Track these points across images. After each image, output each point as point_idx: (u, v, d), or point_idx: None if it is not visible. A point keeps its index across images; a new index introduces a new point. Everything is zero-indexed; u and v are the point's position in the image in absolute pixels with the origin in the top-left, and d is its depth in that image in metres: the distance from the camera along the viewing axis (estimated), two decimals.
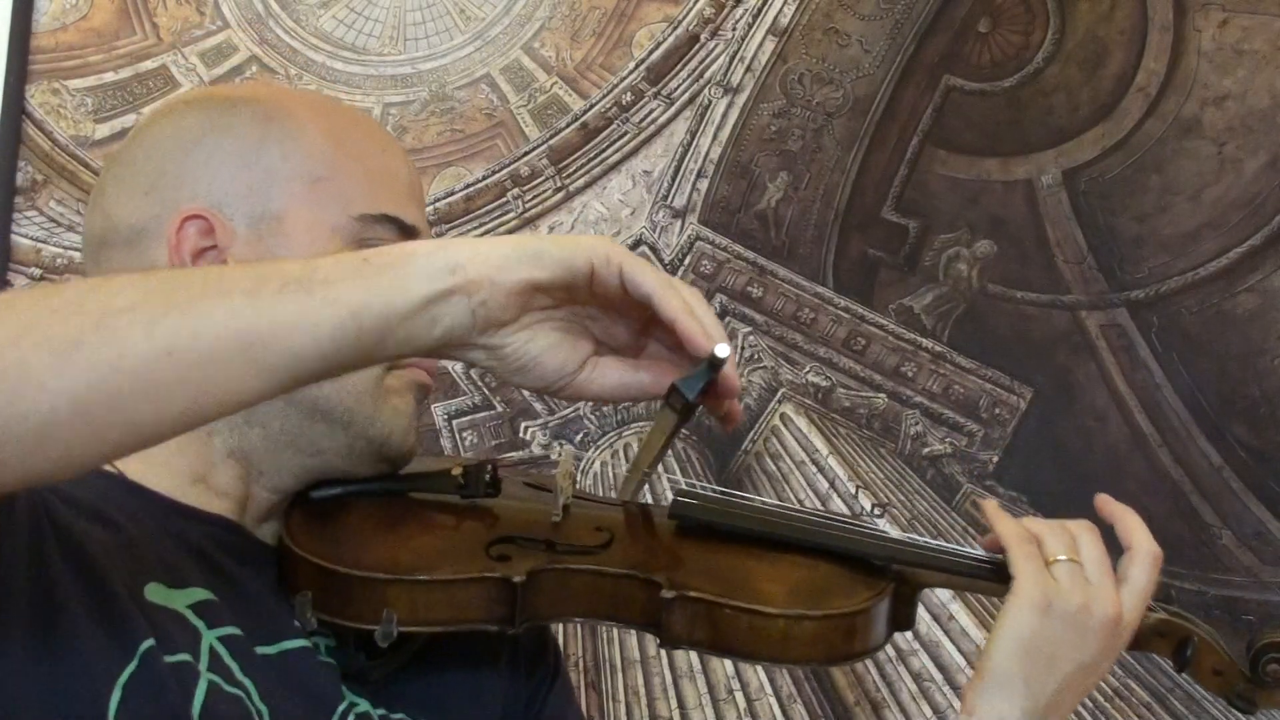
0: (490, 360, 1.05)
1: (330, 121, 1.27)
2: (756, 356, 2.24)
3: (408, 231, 1.25)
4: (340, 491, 1.25)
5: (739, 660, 2.01)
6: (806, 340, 2.24)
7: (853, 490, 2.17)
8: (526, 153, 2.35)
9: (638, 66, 2.33)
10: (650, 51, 2.33)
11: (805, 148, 2.26)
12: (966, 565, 1.31)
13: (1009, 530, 1.28)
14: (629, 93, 2.33)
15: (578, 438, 2.27)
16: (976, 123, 2.22)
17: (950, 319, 2.20)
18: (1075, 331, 2.15)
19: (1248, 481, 2.06)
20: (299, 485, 1.24)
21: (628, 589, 1.21)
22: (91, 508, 1.12)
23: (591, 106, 2.34)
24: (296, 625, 1.19)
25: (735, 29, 2.30)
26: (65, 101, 2.44)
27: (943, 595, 2.08)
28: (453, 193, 2.36)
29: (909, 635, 2.09)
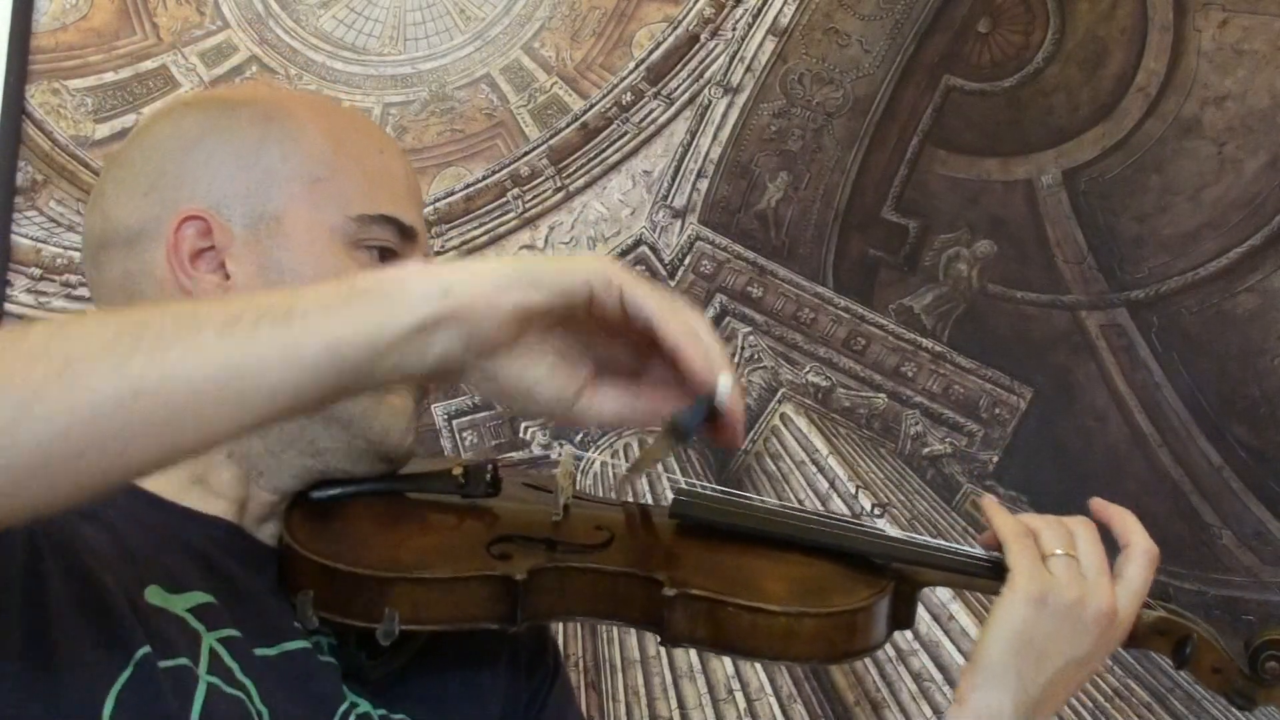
0: (485, 386, 1.02)
1: (329, 122, 1.28)
2: (756, 356, 2.24)
3: (406, 232, 1.25)
4: (340, 492, 1.25)
5: (740, 658, 2.02)
6: (806, 340, 2.24)
7: (853, 490, 2.17)
8: (526, 153, 2.35)
9: (638, 66, 2.33)
10: (650, 51, 2.33)
11: (805, 148, 2.26)
12: (966, 563, 1.31)
13: (1006, 525, 1.29)
14: (629, 93, 2.33)
15: (578, 438, 2.27)
16: (976, 123, 2.22)
17: (950, 319, 2.20)
18: (1075, 331, 2.15)
19: (1248, 481, 2.06)
20: (299, 485, 1.24)
21: (629, 587, 1.22)
22: (90, 511, 1.12)
23: (591, 106, 2.34)
24: (297, 626, 1.20)
25: (735, 29, 2.30)
26: (65, 101, 2.44)
27: (943, 595, 2.08)
28: (453, 193, 2.36)
29: (909, 635, 2.09)
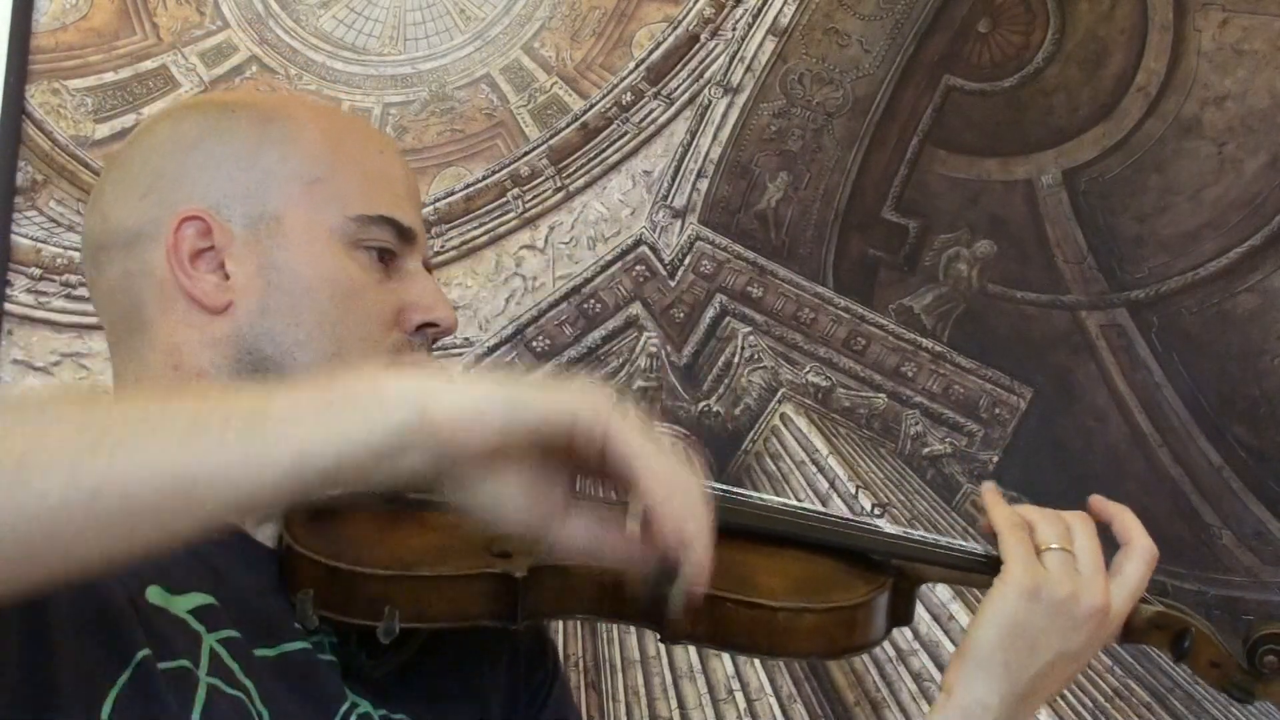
0: (453, 496, 0.99)
1: (327, 124, 1.28)
2: (756, 356, 2.24)
3: (404, 233, 1.26)
4: (339, 492, 1.25)
5: (740, 654, 2.02)
6: (806, 340, 2.24)
7: (853, 490, 2.17)
8: (526, 153, 2.35)
9: (638, 66, 2.33)
10: (650, 51, 2.33)
11: (805, 148, 2.26)
12: (964, 559, 1.32)
13: (1001, 516, 1.29)
14: (629, 93, 2.33)
15: None
16: (976, 123, 2.22)
17: (950, 319, 2.20)
18: (1075, 331, 2.15)
19: (1248, 481, 2.06)
20: None
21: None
22: None
23: (591, 106, 2.34)
24: (297, 627, 1.20)
25: (735, 29, 2.30)
26: (65, 101, 2.44)
27: (943, 595, 2.08)
28: (453, 193, 2.36)
29: (909, 635, 2.09)
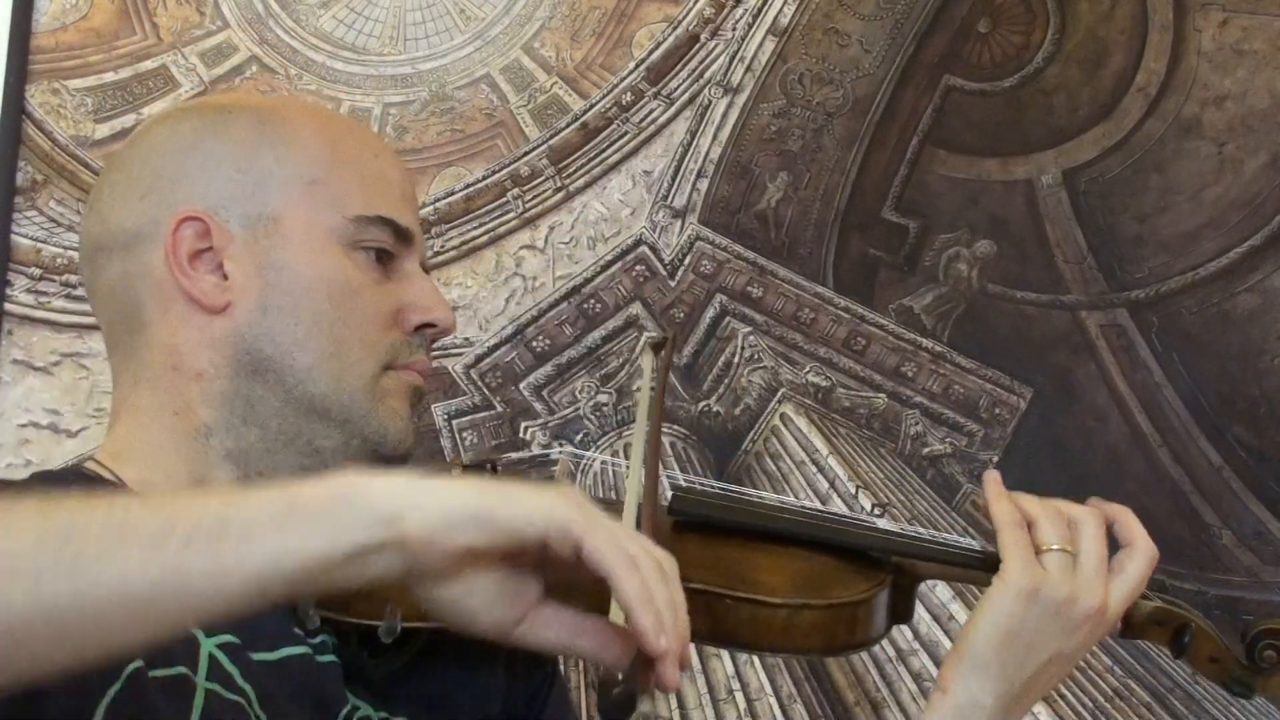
0: (423, 600, 0.98)
1: (325, 126, 1.29)
2: (756, 356, 2.24)
3: (402, 234, 1.26)
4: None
5: (740, 650, 2.02)
6: (806, 340, 2.24)
7: (853, 490, 2.17)
8: (526, 153, 2.35)
9: (638, 66, 2.33)
10: (650, 51, 2.33)
11: (805, 148, 2.26)
12: (963, 556, 1.32)
13: (1002, 512, 1.29)
14: (629, 93, 2.33)
15: (578, 437, 2.27)
16: (976, 123, 2.22)
17: (950, 319, 2.20)
18: (1075, 331, 2.15)
19: (1248, 481, 2.06)
20: None
21: None
22: None
23: (591, 106, 2.34)
24: (297, 631, 1.20)
25: (735, 29, 2.30)
26: (65, 101, 2.44)
27: (943, 595, 2.08)
28: (453, 193, 2.36)
29: (909, 635, 2.09)
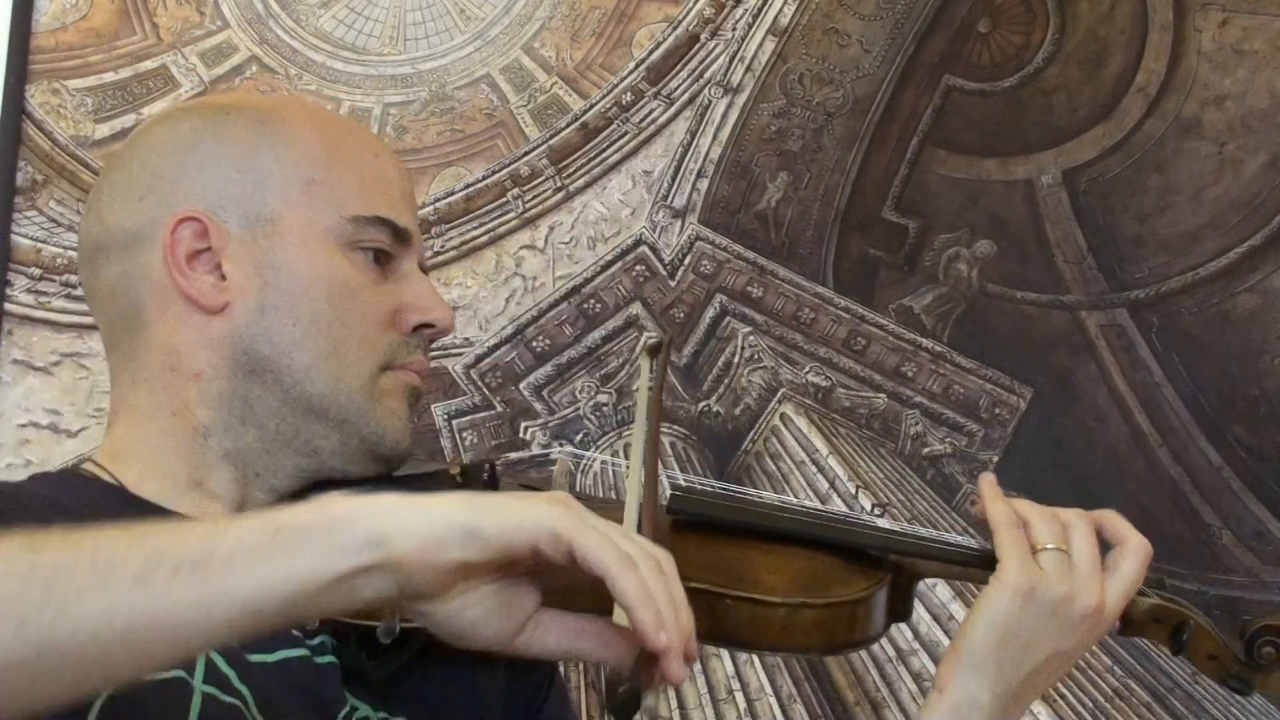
0: (421, 621, 0.98)
1: (323, 127, 1.29)
2: (756, 356, 2.24)
3: (400, 234, 1.26)
4: (337, 494, 1.25)
5: (740, 650, 2.02)
6: (806, 340, 2.24)
7: (853, 490, 2.17)
8: (526, 153, 2.35)
9: (638, 66, 2.33)
10: (650, 51, 2.33)
11: (805, 148, 2.26)
12: (961, 555, 1.32)
13: (998, 512, 1.29)
14: (629, 93, 2.33)
15: (578, 437, 2.27)
16: (976, 123, 2.22)
17: (950, 319, 2.20)
18: (1075, 331, 2.15)
19: (1248, 481, 2.06)
20: (295, 485, 1.25)
21: None
22: (85, 519, 1.12)
23: (591, 106, 2.34)
24: (296, 633, 1.20)
25: (735, 29, 2.30)
26: (65, 101, 2.44)
27: (943, 595, 2.08)
28: (453, 193, 2.36)
29: (909, 635, 2.09)
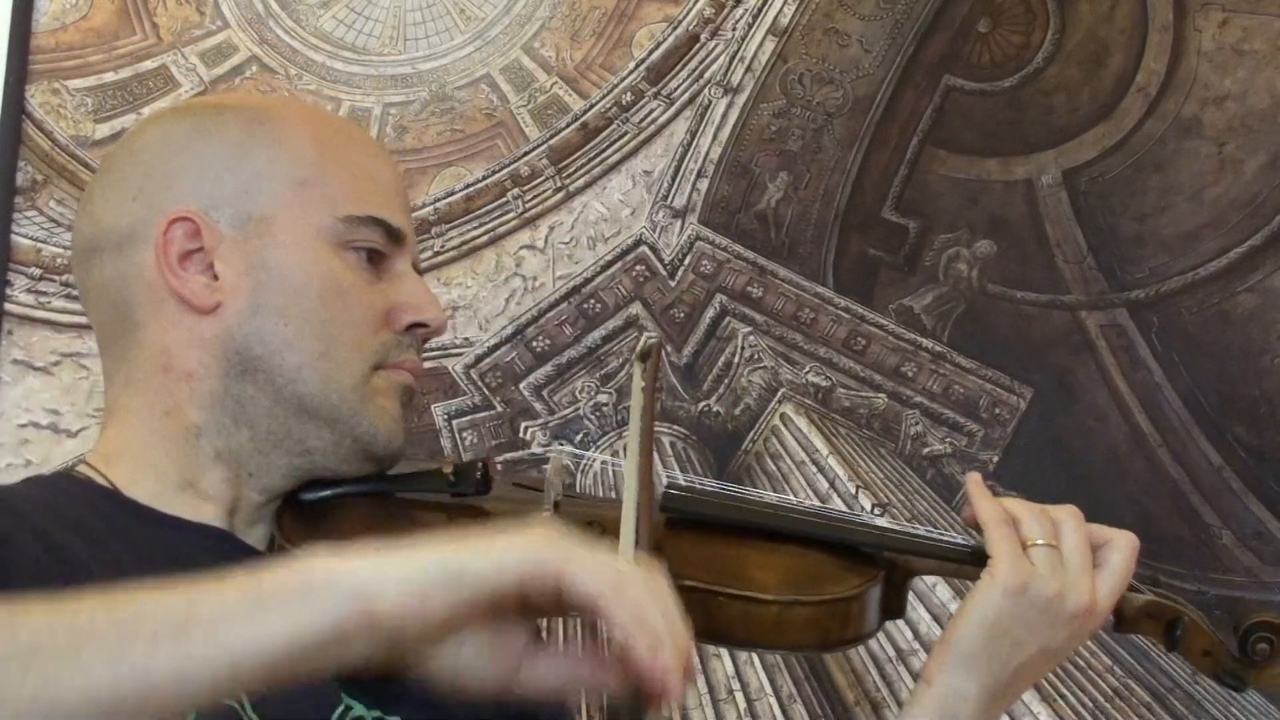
0: (413, 670, 0.97)
1: (316, 127, 1.29)
2: (756, 356, 2.24)
3: (393, 234, 1.26)
4: (330, 493, 1.26)
5: (734, 647, 2.02)
6: (806, 340, 2.24)
7: (853, 490, 2.17)
8: (526, 153, 2.35)
9: (638, 66, 2.33)
10: (650, 51, 2.33)
11: (805, 148, 2.26)
12: (954, 551, 1.32)
13: (987, 510, 1.29)
14: (629, 93, 2.33)
15: (578, 437, 2.27)
16: (976, 123, 2.22)
17: (950, 319, 2.20)
18: (1075, 331, 2.15)
19: (1248, 481, 2.06)
20: (288, 485, 1.25)
21: None
22: (77, 523, 1.13)
23: (591, 106, 2.34)
24: None
25: (735, 29, 2.30)
26: (65, 101, 2.44)
27: (943, 596, 2.08)
28: (453, 193, 2.36)
29: (909, 635, 2.09)
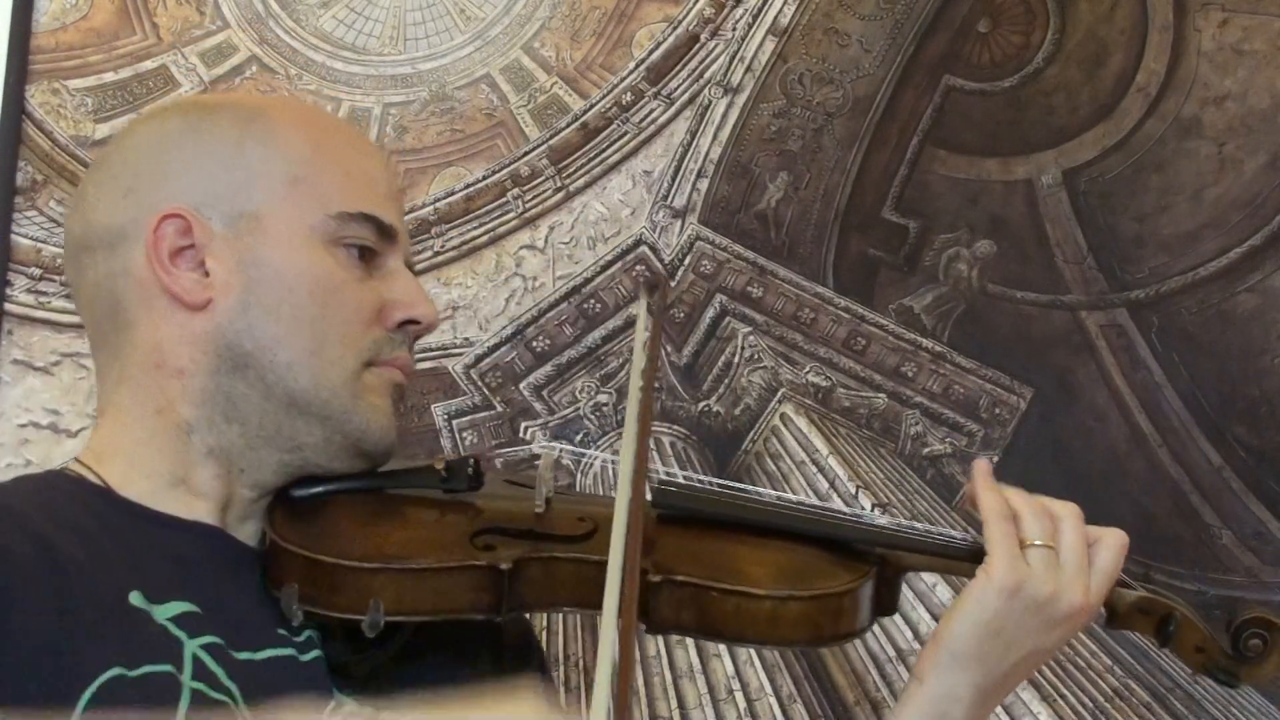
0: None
1: (308, 125, 1.29)
2: (756, 356, 2.24)
3: (386, 231, 1.26)
4: (322, 489, 1.26)
5: (726, 643, 2.01)
6: (806, 340, 2.24)
7: (853, 490, 2.17)
8: (526, 153, 2.35)
9: (638, 66, 2.33)
10: (650, 51, 2.33)
11: (805, 148, 2.26)
12: (948, 548, 1.32)
13: (990, 503, 1.29)
14: (629, 93, 2.33)
15: (578, 437, 2.27)
16: (976, 123, 2.22)
17: (950, 319, 2.20)
18: (1075, 331, 2.15)
19: (1248, 481, 2.06)
20: (279, 481, 1.25)
21: None
22: (70, 521, 1.13)
23: (591, 106, 2.34)
24: (281, 632, 1.20)
25: (735, 29, 2.30)
26: (65, 101, 2.45)
27: (943, 596, 2.08)
28: (453, 193, 2.36)
29: (909, 635, 2.09)
